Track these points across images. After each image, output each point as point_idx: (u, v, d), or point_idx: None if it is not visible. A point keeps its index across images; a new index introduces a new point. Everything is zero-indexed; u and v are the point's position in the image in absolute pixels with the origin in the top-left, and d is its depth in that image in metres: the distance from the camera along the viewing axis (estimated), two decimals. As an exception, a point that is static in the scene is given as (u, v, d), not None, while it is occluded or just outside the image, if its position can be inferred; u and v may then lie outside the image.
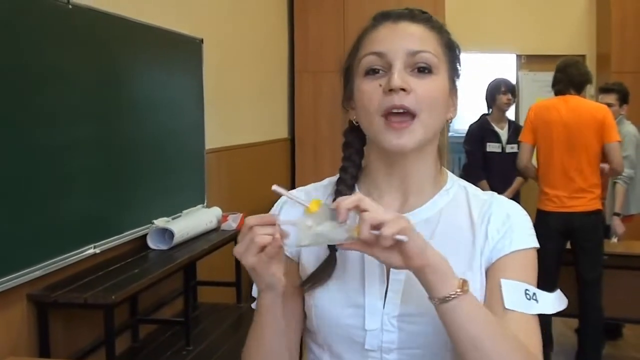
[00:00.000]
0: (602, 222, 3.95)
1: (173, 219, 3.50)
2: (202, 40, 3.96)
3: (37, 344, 2.53)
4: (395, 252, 0.89)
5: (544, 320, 1.29)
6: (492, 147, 4.66)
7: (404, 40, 1.03)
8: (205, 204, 3.98)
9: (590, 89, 4.91)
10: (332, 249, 1.04)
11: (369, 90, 1.02)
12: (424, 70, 1.02)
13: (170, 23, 3.58)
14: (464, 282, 0.91)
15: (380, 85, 1.01)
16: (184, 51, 3.83)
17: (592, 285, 3.82)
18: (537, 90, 6.49)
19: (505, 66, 7.01)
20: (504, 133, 4.70)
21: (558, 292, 1.04)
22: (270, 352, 1.05)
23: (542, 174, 3.92)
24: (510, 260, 1.03)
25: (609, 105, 4.28)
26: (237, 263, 4.01)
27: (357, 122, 1.09)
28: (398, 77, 1.00)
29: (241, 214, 3.88)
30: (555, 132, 3.79)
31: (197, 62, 3.95)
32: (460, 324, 0.91)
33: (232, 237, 3.84)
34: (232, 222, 3.82)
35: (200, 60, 3.97)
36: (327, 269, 1.05)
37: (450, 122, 1.10)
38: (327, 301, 1.05)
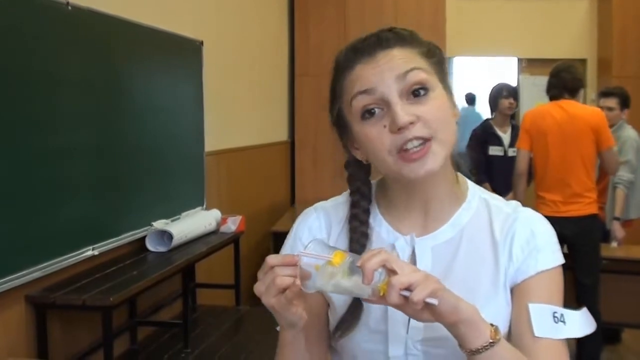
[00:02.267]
0: (599, 226, 3.94)
1: (172, 221, 3.49)
2: (202, 43, 3.96)
3: (35, 346, 2.52)
4: (425, 310, 0.87)
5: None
6: (494, 150, 4.71)
7: (387, 69, 0.97)
8: (204, 206, 3.97)
9: (592, 93, 4.91)
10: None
11: (375, 134, 0.97)
12: (419, 92, 0.97)
13: (170, 25, 3.57)
14: (496, 331, 0.89)
15: (385, 126, 0.96)
16: (184, 53, 3.82)
17: (589, 289, 3.81)
18: (538, 94, 6.47)
19: (506, 70, 7.02)
20: (506, 137, 4.74)
21: (584, 311, 1.01)
22: None
23: (538, 178, 3.92)
24: (536, 282, 1.01)
25: (610, 109, 4.28)
26: (236, 265, 4.02)
27: (366, 161, 1.05)
28: (402, 112, 0.94)
29: (240, 217, 3.87)
30: (550, 138, 3.79)
31: (197, 64, 3.94)
32: None
33: (231, 240, 3.84)
34: (231, 225, 3.82)
35: (200, 62, 3.96)
36: (355, 313, 1.03)
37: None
38: None
